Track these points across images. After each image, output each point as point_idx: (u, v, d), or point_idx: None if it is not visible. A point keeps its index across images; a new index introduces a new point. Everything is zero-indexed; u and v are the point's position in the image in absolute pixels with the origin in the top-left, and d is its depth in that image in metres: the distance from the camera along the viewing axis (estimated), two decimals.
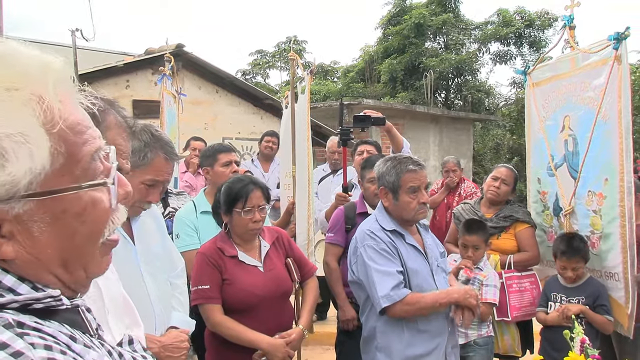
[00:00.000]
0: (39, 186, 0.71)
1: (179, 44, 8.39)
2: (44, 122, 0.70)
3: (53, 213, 0.73)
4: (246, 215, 2.75)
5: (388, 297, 2.62)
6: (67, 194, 0.74)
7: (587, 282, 3.44)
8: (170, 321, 2.39)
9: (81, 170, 0.75)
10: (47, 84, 0.72)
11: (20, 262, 0.73)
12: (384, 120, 4.05)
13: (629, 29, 3.02)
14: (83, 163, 0.75)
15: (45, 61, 0.74)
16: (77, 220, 0.76)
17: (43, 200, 0.72)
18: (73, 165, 0.74)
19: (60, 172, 0.72)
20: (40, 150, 0.69)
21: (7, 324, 0.67)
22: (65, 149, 0.72)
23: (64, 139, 0.72)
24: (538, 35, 18.46)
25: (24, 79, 0.70)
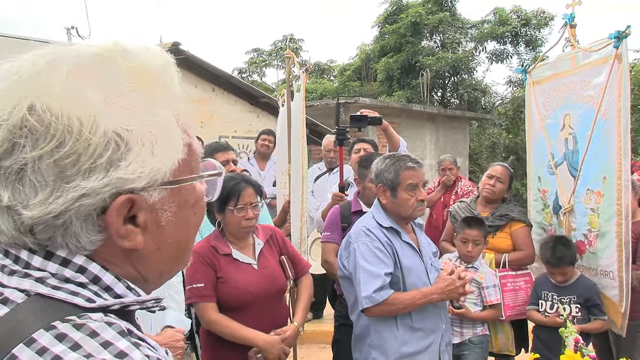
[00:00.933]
0: (173, 176, 0.72)
1: (175, 42, 8.35)
2: (176, 115, 0.73)
3: (179, 202, 0.74)
4: (239, 213, 2.76)
5: (370, 298, 2.65)
6: (189, 184, 0.75)
7: (578, 281, 3.47)
8: (165, 320, 2.38)
9: (196, 163, 0.78)
10: (170, 77, 0.76)
11: (144, 251, 0.73)
12: (381, 119, 4.04)
13: (629, 28, 3.02)
14: (197, 156, 0.78)
15: (162, 55, 0.77)
16: (192, 211, 0.77)
17: (172, 189, 0.72)
18: (192, 157, 0.76)
19: (186, 162, 0.74)
20: (179, 141, 0.72)
21: (121, 330, 0.65)
22: (188, 141, 0.75)
23: (185, 131, 0.75)
24: (534, 34, 18.48)
25: (154, 70, 0.73)
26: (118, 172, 0.65)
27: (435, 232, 6.10)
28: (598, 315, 3.35)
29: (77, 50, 0.71)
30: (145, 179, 0.68)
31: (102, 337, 0.62)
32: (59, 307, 0.65)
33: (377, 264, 2.70)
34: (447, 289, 2.75)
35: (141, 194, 0.69)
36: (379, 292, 2.65)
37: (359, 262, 2.72)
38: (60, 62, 0.68)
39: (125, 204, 0.67)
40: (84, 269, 0.68)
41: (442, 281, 2.77)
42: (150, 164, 0.68)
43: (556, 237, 3.65)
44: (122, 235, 0.69)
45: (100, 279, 0.69)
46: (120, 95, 0.67)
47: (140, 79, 0.70)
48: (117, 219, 0.67)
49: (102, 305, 0.68)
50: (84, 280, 0.68)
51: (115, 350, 0.61)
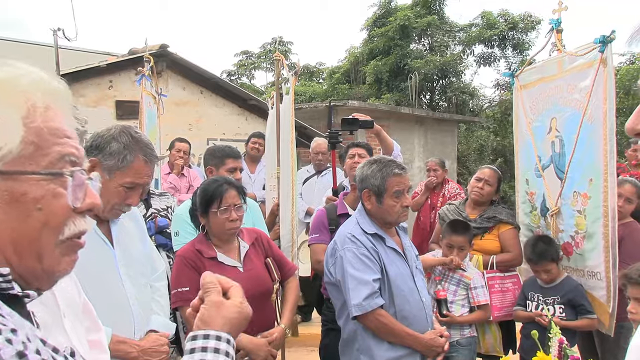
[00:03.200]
0: (4, 166, 0.80)
1: (162, 44, 8.32)
2: (25, 117, 0.83)
3: (13, 193, 0.82)
4: (222, 215, 2.76)
5: (360, 306, 2.65)
6: (28, 179, 0.83)
7: (563, 282, 3.51)
8: (149, 325, 2.37)
9: (47, 164, 0.85)
10: (37, 91, 0.86)
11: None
12: (372, 123, 4.04)
13: (614, 33, 3.05)
14: (51, 158, 0.85)
15: (42, 77, 0.89)
16: (33, 205, 0.83)
17: (5, 179, 0.81)
18: (40, 157, 0.84)
19: (27, 159, 0.83)
20: (12, 135, 0.81)
21: None
22: (37, 141, 0.83)
23: (38, 134, 0.84)
24: (521, 38, 18.60)
25: (17, 83, 0.85)
26: None
27: (422, 234, 6.12)
28: (585, 315, 3.38)
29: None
30: None
31: None
32: None
33: (365, 271, 2.69)
34: (432, 344, 2.78)
35: None
36: (369, 299, 2.65)
37: (346, 269, 2.72)
38: None
39: None
40: None
41: (431, 340, 2.79)
42: None
43: (538, 236, 3.71)
44: None
45: None
46: None
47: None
48: None
49: None
50: None
51: None
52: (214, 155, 3.68)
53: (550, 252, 3.50)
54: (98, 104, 8.19)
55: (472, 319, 3.57)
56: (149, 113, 5.32)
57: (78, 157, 0.91)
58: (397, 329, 2.70)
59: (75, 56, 10.05)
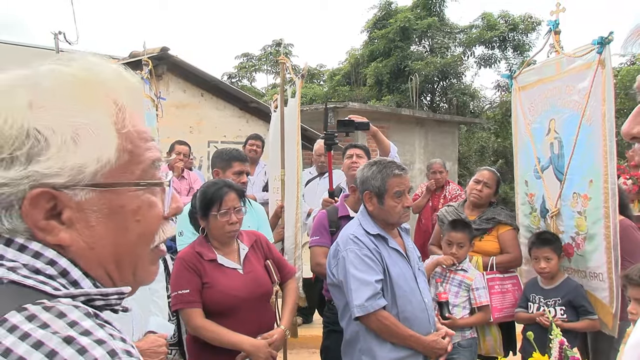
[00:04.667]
0: (103, 178, 0.76)
1: (163, 47, 8.32)
2: (116, 121, 0.77)
3: (111, 206, 0.78)
4: (222, 218, 2.77)
5: (362, 307, 2.65)
6: (126, 190, 0.79)
7: (564, 283, 3.52)
8: (147, 326, 2.38)
9: (141, 172, 0.81)
10: (122, 91, 0.81)
11: (75, 249, 0.76)
12: (368, 124, 4.04)
13: (612, 34, 3.05)
14: (144, 165, 0.82)
15: (122, 73, 0.83)
16: (132, 218, 0.80)
17: (104, 192, 0.77)
18: (135, 165, 0.80)
19: (123, 168, 0.78)
20: (108, 144, 0.76)
21: (87, 312, 0.70)
22: (131, 149, 0.79)
23: (131, 140, 0.79)
24: (522, 39, 18.59)
25: (100, 81, 0.79)
26: (36, 165, 0.71)
27: (425, 236, 6.12)
28: (586, 316, 3.38)
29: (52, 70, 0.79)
30: (65, 175, 0.72)
31: (69, 317, 0.67)
32: (30, 293, 0.69)
33: (367, 272, 2.70)
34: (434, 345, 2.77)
35: (64, 192, 0.73)
36: (371, 300, 2.65)
37: (349, 270, 2.72)
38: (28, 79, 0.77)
39: (42, 197, 0.72)
40: (53, 262, 0.74)
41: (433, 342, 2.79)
42: (69, 161, 0.72)
43: (544, 230, 3.74)
44: (42, 229, 0.74)
45: (68, 272, 0.75)
46: (48, 99, 0.74)
47: (76, 87, 0.76)
48: (32, 210, 0.72)
49: (68, 294, 0.72)
50: (53, 273, 0.74)
51: (81, 329, 0.66)
52: (221, 158, 3.69)
53: (555, 242, 3.52)
54: None
55: (473, 322, 3.57)
56: (148, 116, 5.32)
57: (162, 160, 0.88)
58: (399, 330, 2.70)
59: None
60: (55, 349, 0.62)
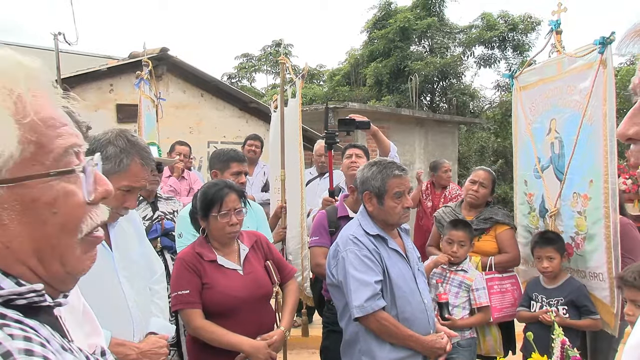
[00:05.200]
0: (9, 173, 0.72)
1: (163, 47, 8.33)
2: (15, 112, 0.72)
3: (23, 201, 0.74)
4: (222, 219, 2.76)
5: (362, 308, 2.65)
6: (37, 182, 0.74)
7: (566, 282, 3.51)
8: (148, 327, 2.38)
9: (52, 161, 0.76)
10: (19, 79, 0.74)
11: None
12: (369, 124, 4.04)
13: (614, 34, 3.05)
14: (55, 154, 0.76)
15: (18, 60, 0.77)
16: (48, 210, 0.76)
17: (13, 188, 0.72)
18: (44, 155, 0.75)
19: (30, 160, 0.74)
20: (8, 138, 0.71)
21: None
22: (37, 138, 0.74)
23: (35, 130, 0.74)
24: (521, 39, 18.61)
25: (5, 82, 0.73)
26: None
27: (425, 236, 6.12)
28: (588, 315, 3.38)
29: None
30: None
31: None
32: None
33: (367, 272, 2.69)
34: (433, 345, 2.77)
35: None
36: (371, 301, 2.65)
37: (348, 270, 2.72)
38: None
39: None
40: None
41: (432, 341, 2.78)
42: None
43: (547, 230, 3.72)
44: None
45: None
46: None
47: None
48: None
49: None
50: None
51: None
52: (218, 159, 3.69)
53: (558, 242, 3.52)
54: (99, 107, 8.20)
55: (473, 322, 3.57)
56: (148, 116, 5.33)
57: (80, 144, 0.82)
58: (398, 330, 2.70)
59: (76, 60, 10.07)
60: None
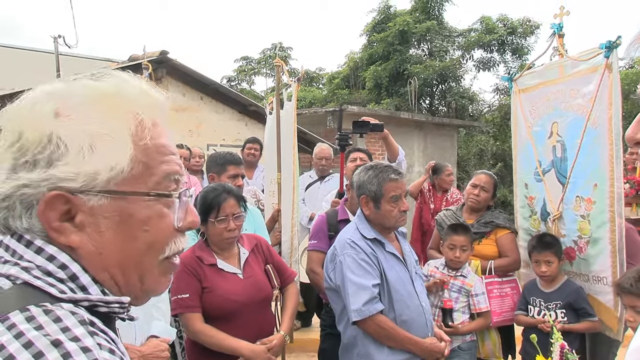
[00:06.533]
0: (116, 186, 0.80)
1: (162, 50, 8.32)
2: (134, 134, 0.81)
3: (122, 214, 0.81)
4: (220, 225, 2.75)
5: (359, 311, 2.65)
6: (137, 199, 0.82)
7: (564, 285, 3.52)
8: (150, 330, 2.37)
9: (155, 183, 0.84)
10: (144, 106, 0.84)
11: (83, 252, 0.80)
12: (382, 126, 4.05)
13: (620, 38, 3.04)
14: (157, 177, 0.84)
15: (145, 89, 0.87)
16: (141, 227, 0.83)
17: (116, 199, 0.80)
18: (148, 176, 0.83)
19: (136, 179, 0.82)
20: (123, 154, 0.80)
21: (82, 320, 0.72)
22: (146, 160, 0.83)
23: (146, 153, 0.83)
24: (520, 43, 18.66)
25: (123, 96, 0.83)
26: (55, 169, 0.76)
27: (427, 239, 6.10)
28: (586, 318, 3.38)
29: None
30: (79, 181, 0.77)
31: (64, 322, 0.70)
32: (36, 294, 0.74)
33: (365, 276, 2.70)
34: (432, 348, 2.76)
35: (79, 196, 0.78)
36: (369, 305, 2.65)
37: (346, 274, 2.72)
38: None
39: (58, 200, 0.77)
40: (64, 266, 0.78)
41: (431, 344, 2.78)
42: (84, 168, 0.77)
43: (544, 232, 3.73)
44: (55, 229, 0.78)
45: (77, 277, 0.79)
46: (72, 109, 0.79)
47: (100, 101, 0.81)
48: (47, 211, 0.77)
49: (72, 298, 0.76)
50: (63, 277, 0.78)
51: (71, 335, 0.69)
52: (215, 162, 3.68)
53: (556, 245, 3.51)
54: None
55: (474, 328, 3.56)
56: None
57: (181, 174, 0.90)
58: (397, 333, 2.69)
59: (76, 63, 10.06)
60: (42, 351, 0.66)
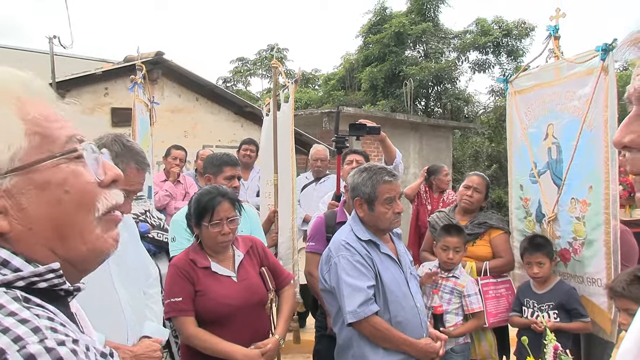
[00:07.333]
0: (20, 162, 0.81)
1: (158, 51, 8.31)
2: (19, 112, 0.83)
3: (37, 184, 0.83)
4: (214, 229, 2.71)
5: (354, 313, 2.64)
6: (46, 166, 0.84)
7: (556, 286, 3.53)
8: (142, 331, 2.37)
9: (58, 148, 0.86)
10: (17, 86, 0.86)
11: (15, 234, 0.82)
12: (379, 129, 4.04)
13: (616, 41, 3.04)
14: (59, 142, 0.86)
15: (13, 72, 0.89)
16: (60, 189, 0.85)
17: (26, 174, 0.82)
18: (50, 143, 0.85)
19: (38, 149, 0.84)
20: (14, 131, 0.82)
21: (15, 297, 0.76)
22: (41, 130, 0.84)
23: (38, 124, 0.84)
24: (515, 45, 18.72)
25: (5, 89, 0.85)
26: None
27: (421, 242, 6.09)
28: (579, 318, 3.39)
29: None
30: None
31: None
32: None
33: (360, 278, 2.69)
34: (427, 349, 2.77)
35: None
36: (364, 306, 2.64)
37: (341, 276, 2.71)
38: None
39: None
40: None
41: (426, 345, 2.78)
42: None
43: (536, 234, 3.74)
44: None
45: (8, 262, 0.81)
46: None
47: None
48: None
49: (3, 280, 0.78)
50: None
51: (7, 311, 0.73)
52: (212, 164, 3.66)
53: (547, 247, 3.53)
54: (94, 111, 8.17)
55: (467, 329, 3.56)
56: (142, 121, 5.29)
57: (82, 135, 0.92)
58: (392, 335, 2.69)
59: (71, 63, 10.03)
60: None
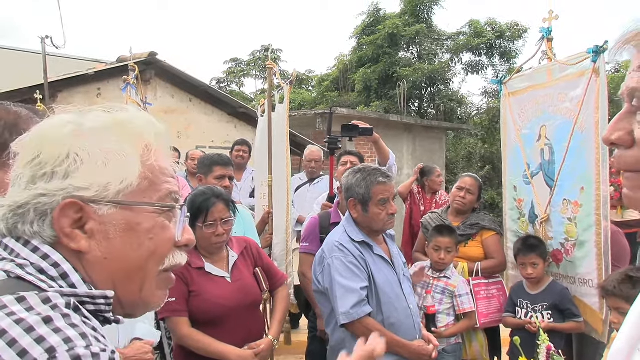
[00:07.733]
0: (124, 197, 0.89)
1: (151, 52, 8.28)
2: (142, 155, 0.92)
3: (129, 222, 0.90)
4: (208, 230, 2.72)
5: (348, 314, 2.65)
6: (143, 210, 0.92)
7: (549, 287, 3.55)
8: (134, 332, 2.36)
9: (158, 199, 0.95)
10: (150, 133, 0.96)
11: (90, 257, 0.88)
12: (372, 130, 4.04)
13: (607, 43, 3.06)
14: (161, 194, 0.95)
15: (151, 120, 0.99)
16: (146, 235, 0.92)
17: (124, 209, 0.90)
18: (153, 192, 0.94)
19: (142, 193, 0.92)
20: (132, 170, 0.90)
21: (68, 303, 0.81)
22: (152, 178, 0.93)
23: (152, 171, 0.94)
24: (509, 46, 18.75)
25: (132, 123, 0.95)
26: (71, 180, 0.86)
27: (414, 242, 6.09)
28: (572, 318, 3.41)
29: None
30: (92, 190, 0.86)
31: (53, 302, 0.78)
32: (27, 286, 0.81)
33: (353, 279, 2.70)
34: (420, 351, 2.77)
35: (90, 205, 0.87)
36: (357, 308, 2.65)
37: (334, 277, 2.72)
38: None
39: (71, 207, 0.85)
40: (57, 265, 0.86)
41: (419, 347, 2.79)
42: (98, 179, 0.87)
43: (528, 235, 3.76)
44: (67, 235, 0.86)
45: (68, 276, 0.86)
46: (89, 131, 0.90)
47: (113, 125, 0.93)
48: (61, 218, 0.85)
49: (58, 291, 0.82)
50: (55, 274, 0.85)
51: (61, 312, 0.77)
52: (203, 164, 3.67)
53: (540, 248, 3.55)
54: None
55: (459, 329, 3.56)
56: None
57: (180, 195, 1.01)
58: (385, 336, 2.69)
59: (64, 63, 9.99)
60: (33, 326, 0.73)
